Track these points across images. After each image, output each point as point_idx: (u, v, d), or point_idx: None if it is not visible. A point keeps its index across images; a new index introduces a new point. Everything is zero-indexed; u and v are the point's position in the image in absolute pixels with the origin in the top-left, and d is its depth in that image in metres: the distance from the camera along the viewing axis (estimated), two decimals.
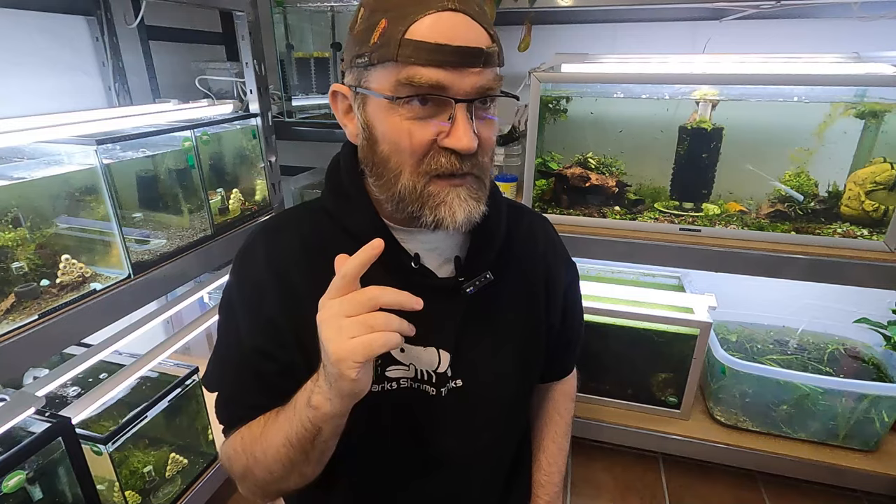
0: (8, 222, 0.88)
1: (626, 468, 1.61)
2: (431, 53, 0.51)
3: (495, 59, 0.55)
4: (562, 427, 0.85)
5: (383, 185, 0.58)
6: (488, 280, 0.64)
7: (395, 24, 0.51)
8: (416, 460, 0.67)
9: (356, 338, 0.47)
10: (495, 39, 0.55)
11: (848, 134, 1.23)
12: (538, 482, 0.81)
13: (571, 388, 0.89)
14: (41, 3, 1.27)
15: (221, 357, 0.67)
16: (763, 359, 1.49)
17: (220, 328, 0.67)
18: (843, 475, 1.40)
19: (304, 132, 1.69)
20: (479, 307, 0.66)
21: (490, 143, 0.59)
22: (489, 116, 0.58)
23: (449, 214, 0.56)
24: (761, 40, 1.53)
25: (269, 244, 0.66)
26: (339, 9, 1.68)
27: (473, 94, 0.53)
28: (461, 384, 0.65)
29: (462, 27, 0.52)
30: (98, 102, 1.45)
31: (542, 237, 0.76)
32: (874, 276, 1.18)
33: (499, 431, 0.72)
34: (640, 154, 1.38)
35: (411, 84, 0.52)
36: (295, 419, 0.55)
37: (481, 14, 0.54)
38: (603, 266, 1.81)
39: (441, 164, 0.54)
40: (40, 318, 0.90)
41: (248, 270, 0.65)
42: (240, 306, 0.64)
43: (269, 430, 0.59)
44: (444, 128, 0.54)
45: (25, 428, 0.92)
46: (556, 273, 0.75)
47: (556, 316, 0.76)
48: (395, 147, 0.55)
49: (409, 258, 0.63)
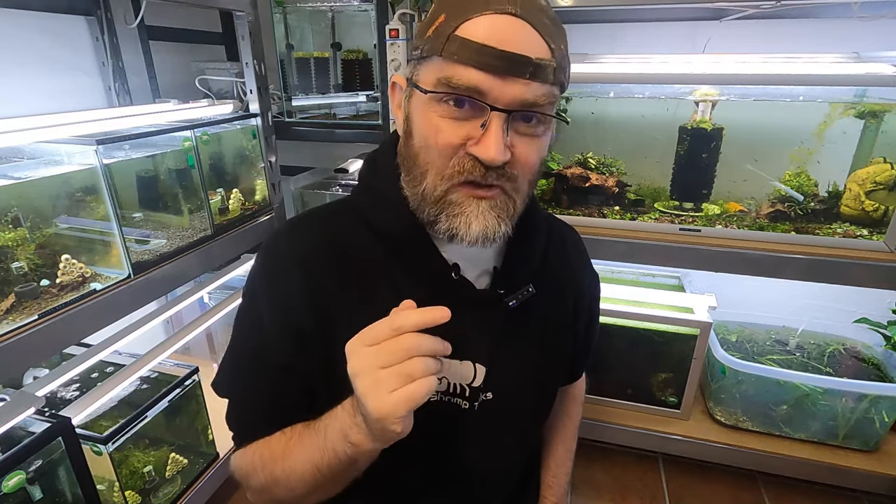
0: (8, 222, 0.88)
1: (626, 468, 1.61)
2: (475, 53, 0.48)
3: (549, 75, 0.50)
4: (570, 429, 0.85)
5: (410, 182, 0.56)
6: (531, 293, 0.61)
7: (451, 20, 0.50)
8: (440, 472, 0.65)
9: (396, 391, 0.44)
10: (556, 54, 0.50)
11: (848, 134, 1.23)
12: (546, 483, 0.81)
13: (581, 391, 0.89)
14: (41, 3, 1.27)
15: (238, 361, 0.64)
16: (763, 359, 1.49)
17: (239, 328, 0.64)
18: (843, 475, 1.40)
19: (304, 132, 1.69)
20: (514, 320, 0.63)
21: (528, 164, 0.53)
22: (536, 135, 0.53)
23: (464, 225, 0.52)
24: (761, 40, 1.53)
25: (297, 243, 0.62)
26: (338, 9, 1.69)
27: (515, 105, 0.49)
28: (491, 397, 0.64)
29: (516, 33, 0.49)
30: (98, 102, 1.45)
31: (573, 249, 0.75)
32: (874, 276, 1.18)
33: (521, 442, 0.72)
34: (640, 154, 1.38)
35: (449, 84, 0.50)
36: (327, 449, 0.52)
37: (547, 26, 0.50)
38: (603, 266, 1.80)
39: (464, 167, 0.51)
40: (40, 318, 0.90)
41: (275, 270, 0.62)
42: (266, 307, 0.60)
43: (293, 452, 0.56)
44: (475, 133, 0.51)
45: (25, 428, 0.91)
46: (583, 283, 0.74)
47: (582, 326, 0.75)
48: (424, 143, 0.53)
49: (449, 268, 0.59)
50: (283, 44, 1.72)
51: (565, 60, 0.53)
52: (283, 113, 1.74)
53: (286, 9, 1.68)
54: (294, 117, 1.75)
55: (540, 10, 0.50)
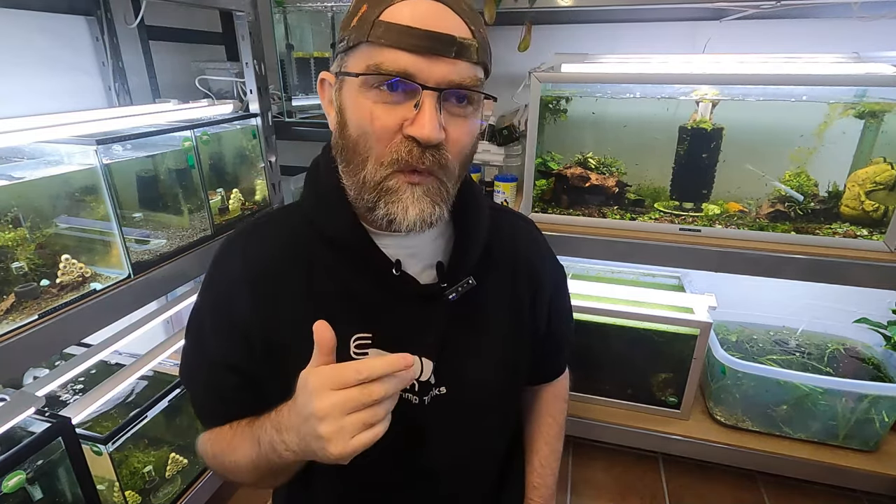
0: (8, 222, 0.88)
1: (626, 468, 1.61)
2: (401, 35, 0.50)
3: (473, 54, 0.52)
4: (554, 429, 0.83)
5: (350, 172, 0.57)
6: (471, 286, 0.63)
7: (373, 8, 0.51)
8: (402, 470, 0.66)
9: (358, 436, 0.46)
10: (476, 35, 0.53)
11: (848, 134, 1.23)
12: (531, 485, 0.80)
13: (563, 389, 0.87)
14: (41, 3, 1.27)
15: (189, 359, 0.68)
16: (763, 359, 1.49)
17: (188, 330, 0.67)
18: (843, 475, 1.40)
19: (304, 132, 1.69)
20: (461, 313, 0.64)
21: (460, 144, 0.55)
22: (465, 116, 0.55)
23: (401, 211, 0.54)
24: (761, 40, 1.53)
25: (247, 247, 0.64)
26: (338, 9, 1.69)
27: (444, 84, 0.51)
28: (445, 391, 0.64)
29: (437, 15, 0.51)
30: (98, 102, 1.45)
31: (525, 240, 0.74)
32: (874, 276, 1.18)
33: (486, 437, 0.71)
34: (640, 154, 1.38)
35: (379, 70, 0.50)
36: (262, 452, 0.56)
37: (464, 8, 0.53)
38: (603, 266, 1.81)
39: (401, 152, 0.52)
40: (40, 318, 0.90)
41: (221, 274, 0.65)
42: (208, 311, 0.64)
43: (236, 448, 0.60)
44: (409, 115, 0.52)
45: (25, 428, 0.92)
46: (541, 274, 0.74)
47: (543, 318, 0.74)
48: (360, 131, 0.53)
49: (391, 265, 0.61)
50: (283, 44, 1.72)
51: (486, 43, 0.55)
52: (283, 113, 1.74)
53: (286, 9, 1.68)
54: (294, 117, 1.75)
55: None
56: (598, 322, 1.51)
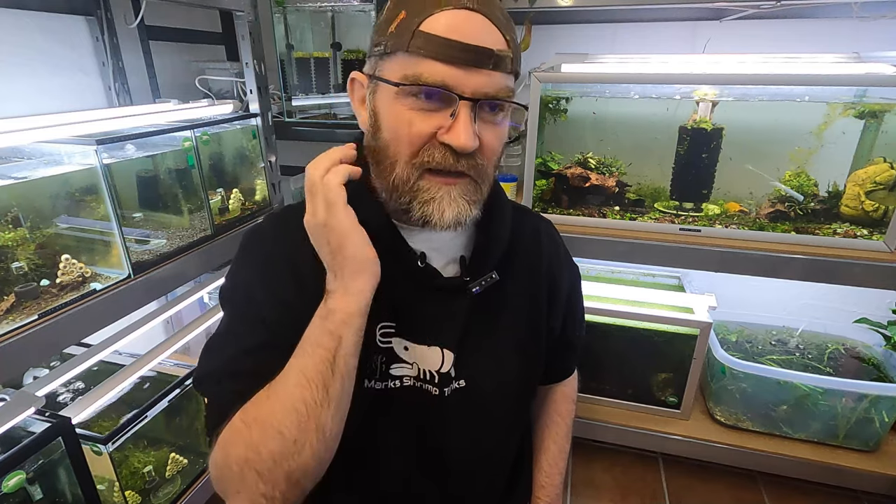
0: (8, 222, 0.88)
1: (626, 468, 1.61)
2: (441, 48, 0.51)
3: (508, 65, 0.54)
4: (563, 428, 0.85)
5: (380, 174, 0.59)
6: (494, 280, 0.65)
7: (412, 17, 0.52)
8: (419, 460, 0.67)
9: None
10: (511, 45, 0.55)
11: (848, 134, 1.23)
12: (539, 483, 0.81)
13: (572, 389, 0.89)
14: (41, 3, 1.27)
15: (219, 342, 0.61)
16: (763, 359, 1.49)
17: (230, 301, 0.63)
18: (843, 475, 1.40)
19: (304, 132, 1.69)
20: (483, 308, 0.66)
21: (492, 149, 0.58)
22: (497, 123, 0.57)
23: (437, 212, 0.56)
24: (761, 40, 1.53)
25: (279, 229, 0.66)
26: (339, 9, 1.68)
27: (479, 95, 0.53)
28: (464, 385, 0.65)
29: (476, 27, 0.52)
30: (98, 102, 1.45)
31: (546, 240, 0.76)
32: (874, 276, 1.18)
33: (501, 433, 0.72)
34: (639, 154, 1.38)
35: (418, 80, 0.52)
36: (308, 347, 0.53)
37: (501, 19, 0.54)
38: (603, 266, 1.80)
39: (434, 157, 0.54)
40: (40, 318, 0.90)
41: (261, 248, 0.65)
42: (258, 280, 0.62)
43: (276, 386, 0.53)
44: (445, 123, 0.54)
45: (25, 428, 0.91)
46: (559, 275, 0.75)
47: (558, 318, 0.76)
48: (394, 135, 0.56)
49: (416, 257, 0.62)
50: (283, 44, 1.72)
51: (518, 51, 0.57)
52: (283, 113, 1.73)
53: (286, 9, 1.68)
54: (294, 117, 1.74)
55: (493, 4, 0.54)
56: (598, 322, 1.51)
